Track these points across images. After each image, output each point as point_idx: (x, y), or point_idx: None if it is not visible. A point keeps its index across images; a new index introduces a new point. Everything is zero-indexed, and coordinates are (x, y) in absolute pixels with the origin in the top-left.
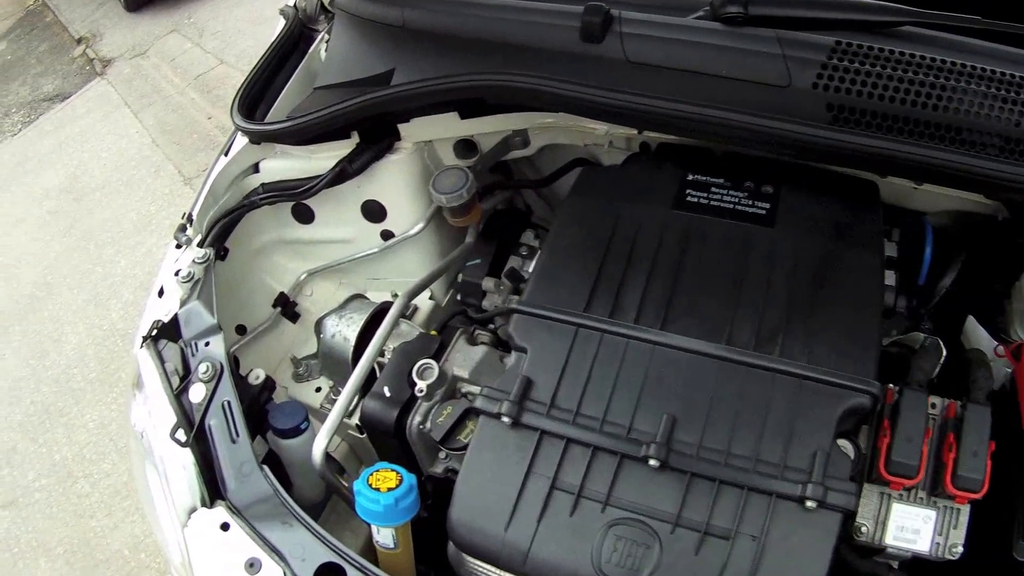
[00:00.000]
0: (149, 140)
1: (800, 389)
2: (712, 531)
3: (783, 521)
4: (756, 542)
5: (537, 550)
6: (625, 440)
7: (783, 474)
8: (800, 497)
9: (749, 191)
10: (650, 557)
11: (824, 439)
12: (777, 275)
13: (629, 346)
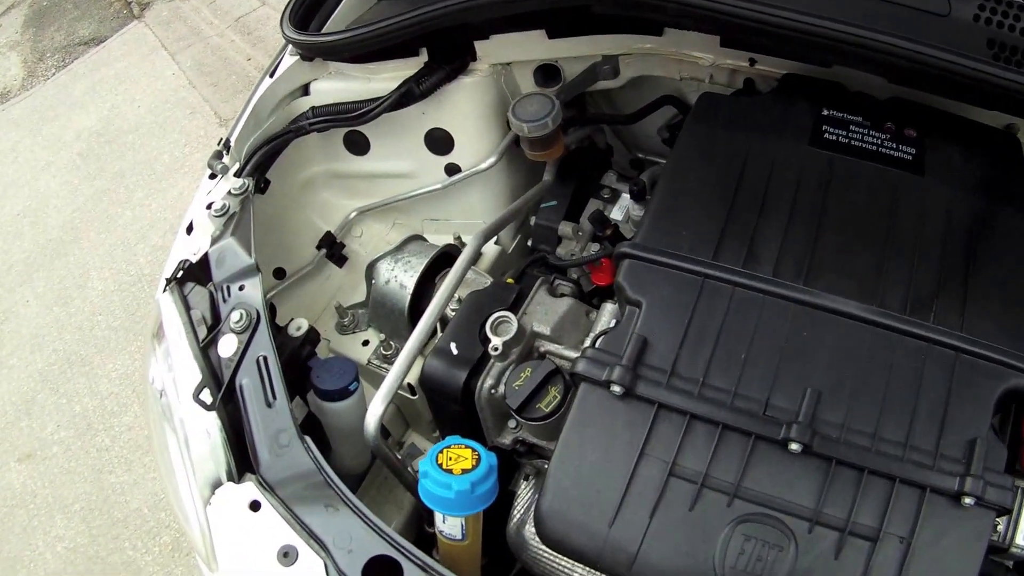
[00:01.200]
0: (186, 82)
1: (957, 364)
2: (856, 531)
3: (935, 520)
4: (904, 544)
5: (648, 551)
6: (761, 418)
7: (938, 464)
8: (957, 493)
9: (891, 133)
10: (783, 561)
11: (981, 425)
12: (930, 230)
13: (767, 304)
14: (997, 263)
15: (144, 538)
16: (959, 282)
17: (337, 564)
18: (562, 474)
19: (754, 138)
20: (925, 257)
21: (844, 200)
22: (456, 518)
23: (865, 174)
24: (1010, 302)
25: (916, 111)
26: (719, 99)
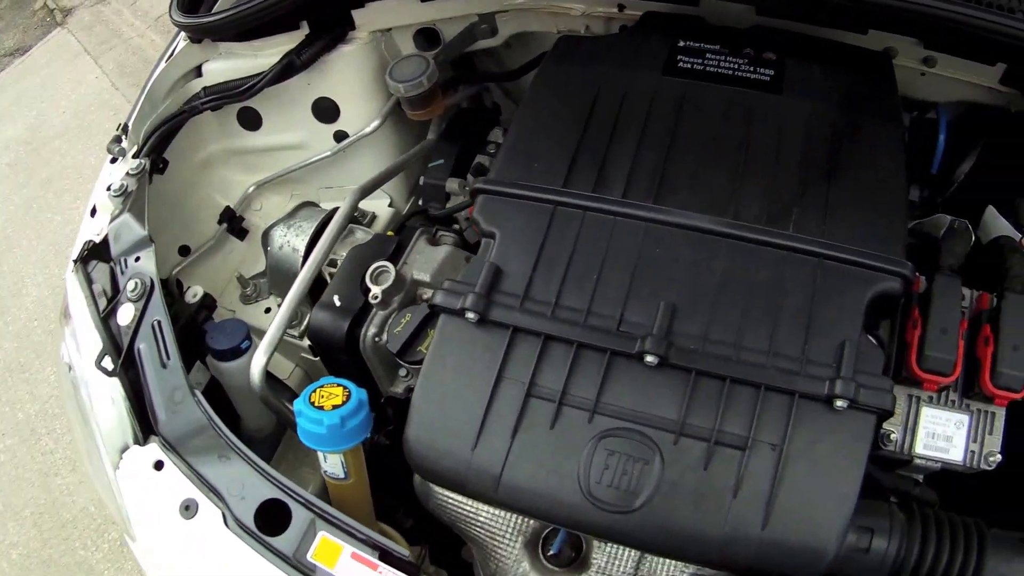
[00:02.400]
0: (108, 84)
1: (821, 270)
2: (724, 440)
3: (808, 425)
4: (777, 451)
5: (511, 472)
6: (615, 334)
7: (805, 370)
8: (828, 396)
9: (749, 57)
10: (650, 474)
11: (852, 329)
12: (787, 145)
13: (617, 224)
14: (860, 171)
15: (93, 536)
16: (820, 191)
17: (232, 511)
18: (425, 403)
19: (607, 72)
20: (783, 170)
21: (697, 122)
22: (335, 455)
23: (720, 97)
24: (875, 208)
25: (779, 37)
26: (576, 40)
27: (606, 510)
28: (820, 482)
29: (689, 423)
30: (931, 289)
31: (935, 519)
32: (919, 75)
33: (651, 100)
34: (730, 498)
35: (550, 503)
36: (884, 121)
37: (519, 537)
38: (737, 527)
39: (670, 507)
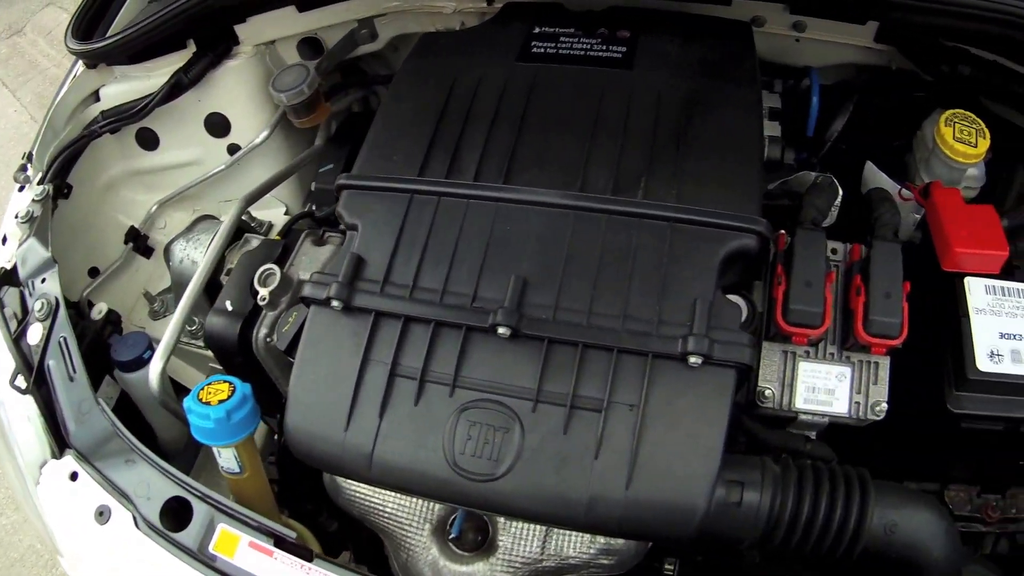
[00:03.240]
0: (28, 117)
1: (672, 233)
2: (580, 404)
3: (665, 384)
4: (635, 411)
5: (382, 450)
6: (470, 310)
7: (658, 330)
8: (682, 354)
9: (603, 37)
10: (511, 442)
11: (705, 288)
12: (637, 116)
13: (470, 206)
14: (713, 136)
15: (41, 572)
16: (671, 158)
17: (141, 512)
18: (300, 391)
19: (464, 64)
20: (631, 141)
21: (547, 103)
22: (228, 450)
23: (571, 77)
24: (728, 170)
25: (638, 15)
26: (437, 35)
27: (472, 479)
28: (682, 439)
29: (545, 390)
30: (793, 243)
31: (813, 470)
32: (794, 42)
33: (504, 86)
34: (591, 460)
35: (420, 477)
36: (738, 86)
37: (426, 525)
38: (601, 488)
39: (533, 472)
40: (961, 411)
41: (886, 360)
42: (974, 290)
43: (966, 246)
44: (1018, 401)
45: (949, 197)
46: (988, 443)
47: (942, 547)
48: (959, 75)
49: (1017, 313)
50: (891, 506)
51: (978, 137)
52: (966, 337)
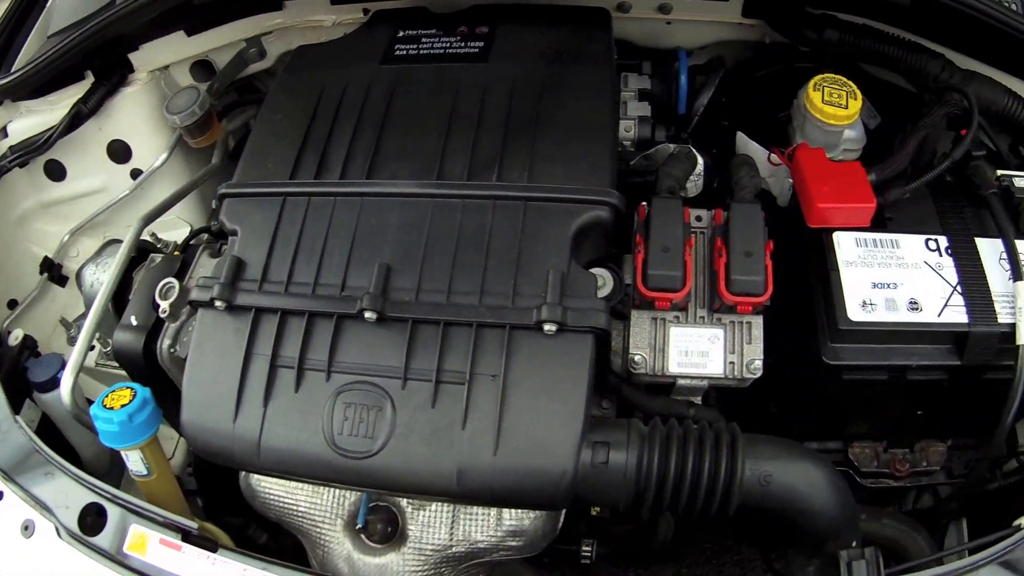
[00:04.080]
0: None
1: (525, 212)
2: (446, 378)
3: (524, 353)
4: (498, 381)
5: (268, 437)
6: (339, 299)
7: (515, 303)
8: (536, 323)
9: (463, 34)
10: (383, 419)
11: (560, 260)
12: (491, 105)
13: (337, 203)
14: (565, 117)
15: None
16: (525, 141)
17: (61, 522)
18: (192, 388)
19: (332, 71)
20: (486, 129)
21: (408, 101)
22: (135, 452)
23: (430, 74)
24: (580, 148)
25: (499, 11)
26: (310, 47)
27: (351, 458)
28: (545, 404)
29: (413, 367)
30: (650, 212)
31: (681, 428)
32: (665, 24)
33: (368, 89)
34: (459, 430)
35: (304, 460)
36: (590, 69)
37: (338, 520)
38: (470, 457)
39: (405, 446)
40: (837, 362)
41: (758, 319)
42: (843, 244)
43: (828, 201)
44: (898, 348)
45: (812, 157)
46: (883, 397)
47: (824, 496)
48: (827, 41)
49: (891, 263)
50: (764, 458)
51: (848, 99)
52: (836, 289)
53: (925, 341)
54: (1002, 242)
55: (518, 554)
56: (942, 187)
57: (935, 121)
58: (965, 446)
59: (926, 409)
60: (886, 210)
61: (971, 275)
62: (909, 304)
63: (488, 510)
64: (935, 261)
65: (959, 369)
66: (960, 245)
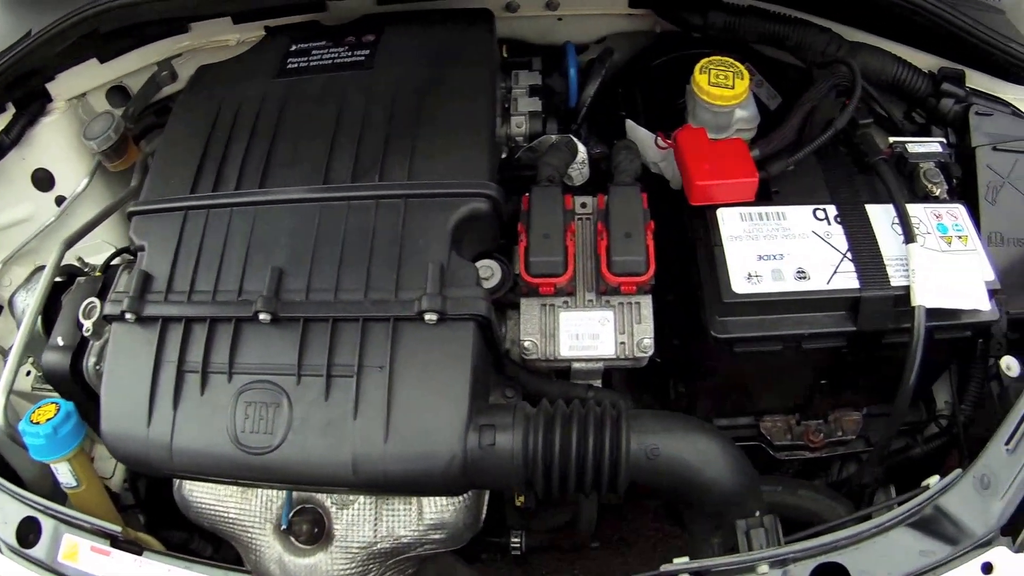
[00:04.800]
0: None
1: (406, 209)
2: (336, 372)
3: (409, 344)
4: (385, 372)
5: (178, 439)
6: (237, 304)
7: (398, 296)
8: (418, 314)
9: (350, 44)
10: (281, 414)
11: (440, 253)
12: (375, 110)
13: (233, 214)
14: (444, 116)
15: None
16: (405, 142)
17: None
18: (110, 398)
19: (229, 87)
20: (370, 132)
21: (298, 112)
22: (63, 464)
23: (319, 85)
24: (458, 144)
25: (386, 19)
26: (210, 66)
27: (253, 454)
28: (431, 391)
29: (306, 364)
30: (530, 201)
31: (569, 408)
32: (556, 21)
33: (261, 103)
34: (351, 421)
35: (212, 459)
36: (469, 69)
37: (267, 524)
38: (363, 446)
39: (302, 440)
40: (725, 335)
41: (647, 299)
42: (727, 219)
43: (707, 178)
44: (788, 318)
45: (692, 137)
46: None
47: (716, 466)
48: (713, 24)
49: (777, 235)
50: (649, 432)
51: (735, 79)
52: (719, 264)
53: (816, 309)
54: (893, 206)
55: (442, 547)
56: (832, 158)
57: (819, 94)
58: (881, 414)
59: (831, 378)
60: (772, 184)
61: (862, 241)
62: (796, 273)
63: (409, 505)
64: (824, 230)
65: (856, 335)
66: (849, 213)
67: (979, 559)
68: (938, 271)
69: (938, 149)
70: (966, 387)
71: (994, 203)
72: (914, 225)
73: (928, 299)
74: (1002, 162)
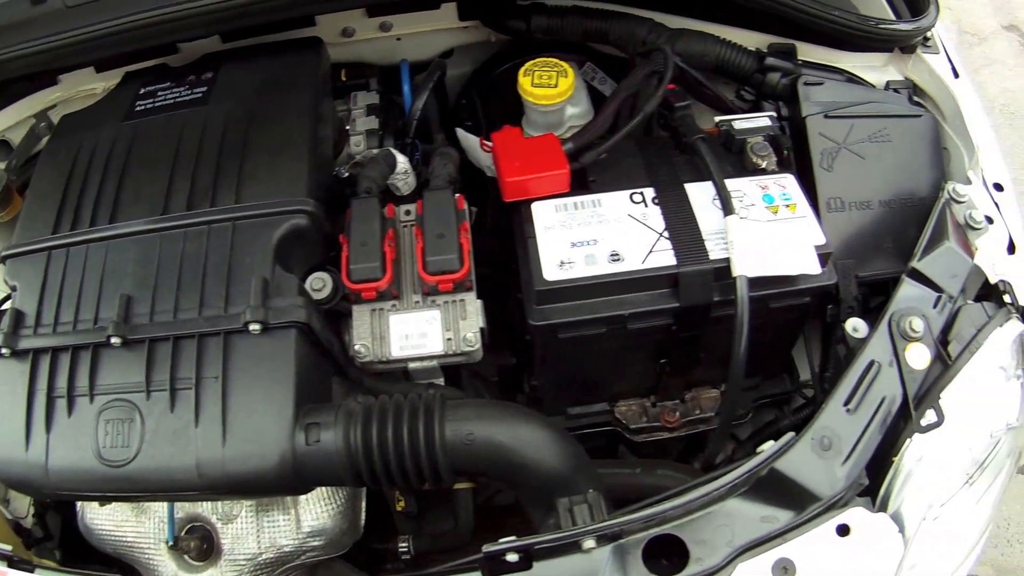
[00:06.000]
0: None
1: (234, 231)
2: (179, 385)
3: (239, 354)
4: (219, 381)
5: (52, 460)
6: (93, 331)
7: (227, 311)
8: (244, 325)
9: (191, 83)
10: (135, 429)
11: (264, 268)
12: (208, 142)
13: (89, 248)
14: (268, 141)
15: None
16: (234, 168)
17: None
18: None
19: (86, 133)
20: (203, 163)
21: (144, 150)
22: None
23: (161, 124)
24: (279, 166)
25: (223, 56)
26: (71, 115)
27: (115, 466)
28: (260, 396)
29: (153, 380)
30: (350, 213)
31: (391, 402)
32: (395, 41)
33: (112, 144)
34: (194, 429)
35: (82, 476)
36: (293, 95)
37: (161, 544)
38: (205, 452)
39: (154, 450)
40: (544, 322)
41: (471, 295)
42: (542, 212)
43: (516, 174)
44: (607, 300)
45: (504, 137)
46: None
47: (534, 447)
48: (537, 28)
49: (592, 221)
50: (465, 419)
51: (559, 78)
52: (532, 255)
53: (635, 289)
54: (712, 183)
55: (324, 553)
56: (653, 143)
57: (633, 82)
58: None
59: (671, 357)
60: (589, 173)
61: (679, 219)
62: (610, 256)
63: (288, 515)
64: (640, 212)
65: (683, 311)
66: (667, 193)
67: (833, 521)
68: (760, 240)
69: (767, 123)
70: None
71: (830, 169)
72: (738, 198)
73: (748, 268)
74: (837, 128)
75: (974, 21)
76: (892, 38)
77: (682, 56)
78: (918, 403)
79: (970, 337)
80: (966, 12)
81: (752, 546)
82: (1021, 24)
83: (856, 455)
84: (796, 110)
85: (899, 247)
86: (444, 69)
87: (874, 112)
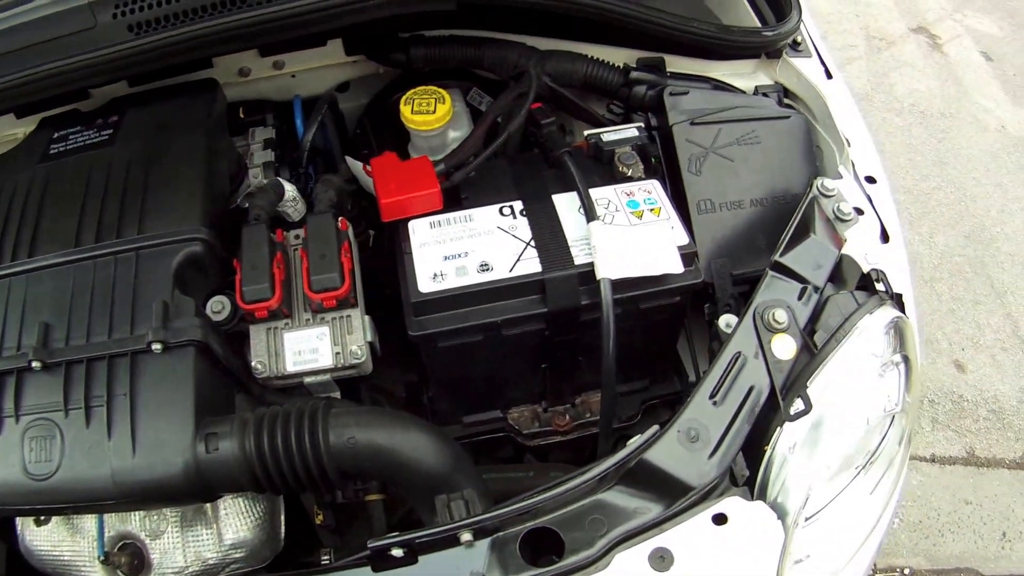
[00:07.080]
0: None
1: (137, 260)
2: (93, 403)
3: (144, 372)
4: (128, 398)
5: None
6: (17, 357)
7: (133, 333)
8: (147, 345)
9: (99, 126)
10: (56, 446)
11: (165, 293)
12: (114, 180)
13: (12, 283)
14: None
15: None
16: (137, 203)
17: None
18: None
19: (5, 176)
20: (112, 199)
21: (57, 191)
22: None
23: (72, 165)
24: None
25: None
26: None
27: (39, 480)
28: (164, 410)
29: (71, 399)
30: (241, 240)
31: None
32: (290, 78)
33: (29, 186)
34: (107, 442)
35: (13, 490)
36: (188, 133)
37: (95, 562)
38: (118, 463)
39: (74, 463)
40: (421, 332)
41: (355, 311)
42: (417, 230)
43: (391, 196)
44: (479, 309)
45: (381, 162)
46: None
47: (410, 448)
48: (416, 58)
49: (463, 236)
50: (347, 424)
51: (436, 104)
52: (408, 270)
53: (505, 297)
54: (577, 193)
55: (248, 565)
56: (524, 159)
57: (504, 104)
58: (632, 391)
59: (550, 362)
60: (461, 191)
61: (545, 228)
62: (480, 267)
63: (210, 529)
64: (508, 224)
65: (552, 315)
66: (535, 205)
67: (710, 511)
68: (623, 243)
69: (634, 134)
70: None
71: (699, 173)
72: (603, 205)
73: (611, 271)
74: (704, 134)
75: (882, 26)
76: (755, 45)
77: (552, 76)
78: (786, 393)
79: (836, 326)
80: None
81: (628, 536)
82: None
83: (725, 446)
84: (664, 120)
85: (773, 244)
86: (334, 101)
87: (741, 116)
